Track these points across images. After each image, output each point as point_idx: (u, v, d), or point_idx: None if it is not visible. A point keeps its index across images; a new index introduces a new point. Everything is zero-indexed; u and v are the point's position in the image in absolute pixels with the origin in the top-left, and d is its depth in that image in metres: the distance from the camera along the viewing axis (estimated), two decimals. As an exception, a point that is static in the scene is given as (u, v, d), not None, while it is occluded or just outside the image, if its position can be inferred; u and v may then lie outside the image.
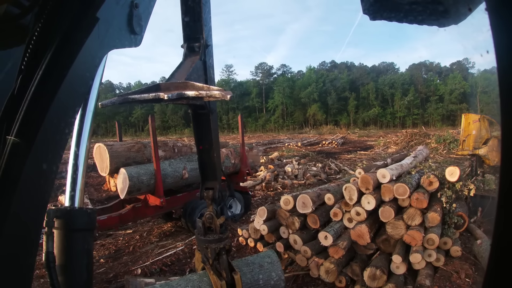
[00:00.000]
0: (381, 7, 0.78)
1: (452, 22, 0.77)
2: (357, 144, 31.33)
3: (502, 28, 0.57)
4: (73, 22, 1.02)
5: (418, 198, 4.73)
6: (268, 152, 22.16)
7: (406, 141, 24.60)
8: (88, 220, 1.32)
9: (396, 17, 0.79)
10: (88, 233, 1.34)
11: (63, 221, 1.24)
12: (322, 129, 60.58)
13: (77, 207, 1.32)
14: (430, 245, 4.50)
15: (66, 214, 1.26)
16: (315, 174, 13.51)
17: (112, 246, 6.76)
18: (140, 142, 7.00)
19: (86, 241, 1.31)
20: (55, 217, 1.25)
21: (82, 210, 1.32)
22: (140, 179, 6.12)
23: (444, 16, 0.75)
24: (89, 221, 1.33)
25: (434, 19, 0.76)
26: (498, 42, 0.56)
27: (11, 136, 0.90)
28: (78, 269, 1.28)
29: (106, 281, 5.14)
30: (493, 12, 0.58)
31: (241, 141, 8.38)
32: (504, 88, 0.56)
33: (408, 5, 0.74)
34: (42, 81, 0.96)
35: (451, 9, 0.74)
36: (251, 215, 8.21)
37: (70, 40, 1.01)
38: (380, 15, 0.80)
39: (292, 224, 5.35)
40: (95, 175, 14.12)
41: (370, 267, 4.40)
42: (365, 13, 0.81)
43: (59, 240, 1.23)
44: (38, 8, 1.02)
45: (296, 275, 5.02)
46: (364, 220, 4.79)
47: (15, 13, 1.02)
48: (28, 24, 1.03)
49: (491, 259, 0.59)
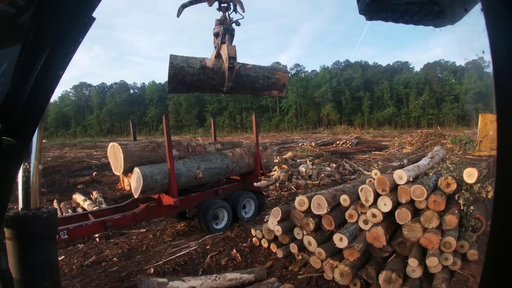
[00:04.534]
0: (378, 7, 0.77)
1: (448, 22, 0.76)
2: (372, 144, 31.05)
3: (498, 29, 0.57)
4: (69, 22, 1.00)
5: (435, 200, 4.63)
6: (282, 152, 22.11)
7: (421, 142, 24.29)
8: (45, 226, 1.15)
9: (392, 18, 0.78)
10: (48, 241, 1.17)
11: (15, 230, 1.08)
12: (336, 129, 60.12)
13: (32, 213, 1.15)
14: (447, 248, 4.40)
15: (19, 222, 1.09)
16: (329, 175, 13.41)
17: (126, 245, 6.79)
18: (154, 142, 7.01)
19: (46, 251, 1.15)
20: (6, 226, 1.08)
21: (37, 215, 1.14)
22: (154, 179, 6.12)
23: (440, 16, 0.74)
24: (48, 227, 1.17)
25: (430, 19, 0.75)
26: (493, 42, 0.57)
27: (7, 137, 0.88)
28: (40, 285, 1.13)
29: (119, 280, 5.15)
30: (489, 13, 0.59)
31: (255, 141, 8.34)
32: (499, 88, 0.57)
33: (404, 5, 0.74)
34: (38, 81, 0.94)
35: (447, 9, 0.73)
36: (264, 215, 8.18)
37: (66, 40, 0.99)
38: (376, 16, 0.79)
39: (306, 225, 5.29)
40: (109, 173, 14.31)
41: (385, 270, 4.32)
42: (361, 13, 0.80)
43: (14, 253, 1.06)
44: (33, 7, 1.00)
45: (310, 277, 4.97)
46: (380, 222, 4.71)
47: (11, 12, 1.00)
48: (24, 23, 1.01)
49: (487, 259, 0.60)
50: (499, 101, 0.57)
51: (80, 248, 6.72)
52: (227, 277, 4.81)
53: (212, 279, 4.71)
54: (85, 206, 9.45)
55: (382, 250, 4.82)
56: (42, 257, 1.12)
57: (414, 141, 25.59)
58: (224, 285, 4.73)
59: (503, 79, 0.57)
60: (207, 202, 7.18)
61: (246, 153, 8.22)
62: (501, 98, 0.57)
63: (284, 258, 5.64)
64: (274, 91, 5.26)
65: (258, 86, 5.07)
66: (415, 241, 4.56)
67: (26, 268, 1.08)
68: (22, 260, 1.07)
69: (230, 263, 5.62)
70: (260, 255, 5.87)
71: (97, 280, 5.17)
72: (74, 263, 5.83)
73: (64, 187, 12.73)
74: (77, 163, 18.90)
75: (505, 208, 0.58)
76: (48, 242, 1.17)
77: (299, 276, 5.05)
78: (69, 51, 1.00)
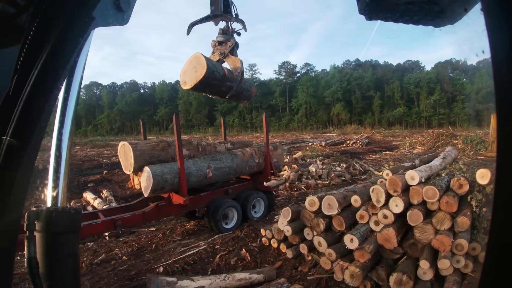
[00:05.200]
0: (377, 7, 0.78)
1: (447, 22, 0.77)
2: (382, 144, 30.82)
3: (498, 28, 0.57)
4: (68, 21, 0.99)
5: (448, 201, 4.56)
6: (292, 151, 22.06)
7: (432, 142, 24.08)
8: (72, 221, 1.25)
9: (392, 17, 0.79)
10: (73, 235, 1.27)
11: (45, 223, 1.17)
12: (346, 129, 59.93)
13: (60, 208, 1.26)
14: (458, 250, 4.32)
15: (48, 216, 1.18)
16: (339, 175, 13.33)
17: (135, 244, 6.82)
18: (164, 141, 7.03)
19: (70, 244, 1.25)
20: (36, 220, 1.17)
21: (65, 211, 1.25)
22: (164, 178, 6.13)
23: (440, 16, 0.75)
24: (73, 223, 1.26)
25: (429, 19, 0.76)
26: (493, 42, 0.57)
27: (6, 137, 0.89)
28: (63, 274, 1.21)
29: (128, 278, 5.16)
30: (489, 13, 0.59)
31: (265, 140, 8.32)
32: (499, 87, 0.57)
33: (404, 5, 0.74)
34: (38, 81, 0.94)
35: (446, 9, 0.74)
36: (274, 215, 8.16)
37: (65, 39, 0.99)
38: (376, 15, 0.79)
39: (317, 225, 5.26)
40: (120, 172, 14.38)
41: (396, 272, 4.27)
42: (361, 13, 0.81)
43: (42, 244, 1.15)
44: (33, 7, 1.00)
45: (320, 278, 4.93)
46: (392, 223, 4.66)
47: (11, 12, 1.02)
48: (23, 23, 1.02)
49: (487, 259, 0.61)
50: (499, 101, 0.57)
51: (89, 246, 6.76)
52: (236, 277, 4.79)
53: (221, 279, 4.70)
54: (95, 204, 9.50)
55: (393, 252, 4.77)
56: (66, 249, 1.21)
57: (425, 141, 25.39)
58: (233, 285, 4.72)
59: (503, 79, 0.57)
60: (217, 202, 7.18)
61: (256, 153, 8.20)
62: (501, 98, 0.57)
63: (294, 259, 5.61)
64: (246, 101, 5.74)
65: (242, 96, 5.53)
66: (426, 243, 4.50)
67: (52, 257, 1.16)
68: (49, 250, 1.15)
69: (239, 263, 5.61)
70: (270, 255, 5.85)
71: (106, 278, 5.19)
72: (84, 261, 5.86)
73: (75, 185, 12.80)
74: (88, 162, 19.04)
75: (503, 208, 0.58)
76: (73, 236, 1.26)
77: (308, 277, 5.02)
78: (69, 50, 0.99)
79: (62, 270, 1.20)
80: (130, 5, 1.29)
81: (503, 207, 0.58)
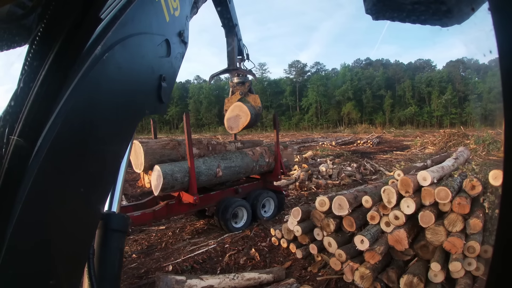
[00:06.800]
0: (384, 6, 0.77)
1: (455, 22, 0.75)
2: (393, 144, 30.59)
3: (506, 28, 0.56)
4: (76, 23, 1.00)
5: (460, 203, 4.50)
6: (302, 151, 22.00)
7: (444, 142, 23.74)
8: (123, 223, 1.53)
9: (398, 17, 0.78)
10: (122, 234, 1.53)
11: (103, 222, 1.45)
12: (357, 128, 59.54)
13: (116, 212, 1.59)
14: (470, 253, 4.26)
15: (107, 216, 1.48)
16: (350, 174, 13.25)
17: (145, 242, 6.85)
18: (174, 140, 7.05)
19: (120, 241, 1.51)
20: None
21: (120, 215, 1.57)
22: (174, 177, 6.15)
23: (447, 16, 0.73)
24: (124, 225, 1.54)
25: (436, 18, 0.74)
26: (501, 42, 0.56)
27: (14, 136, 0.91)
28: (111, 264, 1.44)
29: (137, 276, 5.18)
30: (497, 12, 0.57)
31: (275, 140, 8.31)
32: (507, 88, 0.56)
33: (410, 4, 0.73)
34: (44, 82, 0.96)
35: (454, 8, 0.72)
36: (284, 215, 8.13)
37: (73, 40, 1.00)
38: (382, 15, 0.78)
39: (327, 226, 5.23)
40: (130, 171, 14.43)
41: (407, 274, 4.22)
42: (368, 12, 0.80)
43: (99, 237, 1.42)
44: (41, 8, 1.01)
45: (329, 279, 4.90)
46: (403, 225, 4.61)
47: (18, 13, 1.05)
48: (31, 24, 1.05)
49: (494, 258, 0.60)
50: (507, 102, 0.56)
51: (100, 244, 6.80)
52: (246, 276, 4.78)
53: (230, 278, 4.69)
54: (106, 202, 9.56)
55: (403, 253, 4.72)
56: (116, 244, 1.48)
57: (436, 141, 25.05)
58: (242, 284, 4.71)
59: (510, 79, 0.56)
60: (227, 201, 7.18)
61: (266, 152, 8.18)
62: (509, 99, 0.56)
63: (303, 259, 5.59)
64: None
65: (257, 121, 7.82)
66: (438, 245, 4.44)
67: (105, 251, 1.42)
68: (104, 243, 1.43)
69: (248, 262, 5.60)
70: (279, 255, 5.83)
71: (116, 276, 5.21)
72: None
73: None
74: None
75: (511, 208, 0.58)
76: (123, 235, 1.53)
77: (318, 277, 5.00)
78: (76, 52, 1.00)
79: (111, 260, 1.45)
80: (167, 98, 1.59)
81: (510, 207, 0.59)
